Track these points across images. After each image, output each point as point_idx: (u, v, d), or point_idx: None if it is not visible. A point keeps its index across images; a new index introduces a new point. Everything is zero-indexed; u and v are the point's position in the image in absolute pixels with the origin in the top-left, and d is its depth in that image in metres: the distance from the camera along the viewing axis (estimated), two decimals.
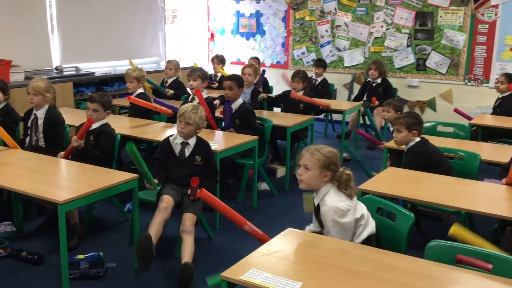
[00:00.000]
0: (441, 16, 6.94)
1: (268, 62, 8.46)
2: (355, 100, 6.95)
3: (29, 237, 3.85)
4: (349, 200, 2.54)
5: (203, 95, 4.91)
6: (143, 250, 3.01)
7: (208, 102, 4.59)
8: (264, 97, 5.86)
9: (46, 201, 2.95)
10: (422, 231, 3.93)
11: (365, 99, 6.89)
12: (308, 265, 2.14)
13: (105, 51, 7.17)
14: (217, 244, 3.80)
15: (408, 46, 7.27)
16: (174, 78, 6.20)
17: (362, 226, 2.56)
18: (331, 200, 2.52)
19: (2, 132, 3.84)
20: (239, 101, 4.84)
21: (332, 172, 2.56)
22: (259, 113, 5.31)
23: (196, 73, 4.88)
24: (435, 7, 6.96)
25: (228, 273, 2.02)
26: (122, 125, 4.66)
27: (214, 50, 8.80)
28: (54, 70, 6.45)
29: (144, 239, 3.03)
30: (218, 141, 4.20)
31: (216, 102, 5.36)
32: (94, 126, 4.02)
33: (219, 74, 7.20)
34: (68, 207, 2.88)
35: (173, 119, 4.55)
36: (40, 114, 4.18)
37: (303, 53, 8.17)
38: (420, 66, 7.24)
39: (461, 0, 6.78)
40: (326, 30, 7.88)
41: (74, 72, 6.51)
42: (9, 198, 4.08)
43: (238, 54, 8.72)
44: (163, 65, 7.04)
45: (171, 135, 3.66)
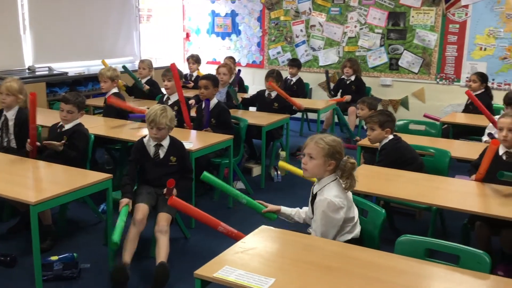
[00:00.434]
0: (413, 16, 7.07)
1: (243, 62, 8.48)
2: (331, 95, 7.03)
3: (2, 239, 3.79)
4: (344, 199, 2.56)
5: (177, 95, 4.91)
6: (119, 278, 3.04)
7: (185, 103, 4.57)
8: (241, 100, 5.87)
9: (19, 202, 2.92)
10: (395, 227, 4.00)
11: (339, 97, 6.96)
12: (281, 262, 2.16)
13: (79, 50, 7.09)
14: (193, 244, 3.80)
15: (381, 45, 7.37)
16: (148, 78, 6.16)
17: (349, 227, 2.59)
18: (329, 193, 2.54)
19: None
20: (214, 100, 4.84)
21: (337, 161, 2.59)
22: (234, 112, 5.32)
23: (171, 73, 4.85)
24: (407, 7, 7.08)
25: (202, 271, 2.03)
26: (97, 125, 4.62)
27: (190, 50, 8.78)
28: (27, 70, 6.36)
29: (120, 268, 3.05)
30: (193, 140, 4.20)
31: (192, 101, 5.36)
32: (68, 126, 4.00)
33: (195, 73, 7.19)
34: (41, 208, 2.85)
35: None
36: (11, 115, 4.12)
37: (278, 52, 8.21)
38: (393, 66, 7.35)
39: (433, 0, 6.91)
40: (301, 30, 7.94)
41: (47, 72, 6.43)
42: None
43: (214, 53, 8.72)
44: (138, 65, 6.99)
45: (145, 137, 3.65)
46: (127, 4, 7.86)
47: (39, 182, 3.30)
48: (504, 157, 3.31)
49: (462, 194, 3.19)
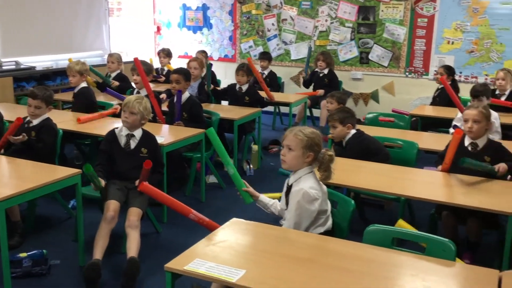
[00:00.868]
0: (382, 10, 7.15)
1: (215, 56, 8.45)
2: (304, 85, 7.07)
3: None
4: (320, 191, 2.58)
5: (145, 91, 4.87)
6: (91, 275, 3.01)
7: (153, 96, 4.54)
8: (211, 88, 5.89)
9: None
10: (365, 218, 4.07)
11: (311, 90, 7.01)
12: (252, 253, 2.18)
13: (47, 44, 6.94)
14: (164, 238, 3.79)
15: (351, 39, 7.45)
16: (118, 72, 6.09)
17: (322, 219, 2.61)
18: (305, 184, 2.56)
19: None
20: (186, 94, 4.82)
21: (315, 153, 2.61)
22: (206, 106, 5.32)
23: None
24: (377, 1, 7.17)
25: (172, 264, 2.03)
26: (66, 120, 4.55)
27: (161, 44, 8.70)
28: None
29: (93, 265, 3.01)
30: (165, 134, 4.18)
31: (163, 96, 5.32)
32: (36, 122, 3.93)
33: (166, 67, 7.14)
34: (8, 204, 2.81)
35: (118, 114, 4.49)
36: None
37: (250, 46, 8.21)
38: (363, 59, 7.43)
39: None
40: (273, 24, 7.95)
41: (14, 67, 6.28)
42: None
43: (185, 47, 8.66)
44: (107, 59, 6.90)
45: (116, 128, 3.62)
46: None
47: (6, 178, 3.23)
48: (469, 148, 3.40)
49: (429, 185, 3.26)
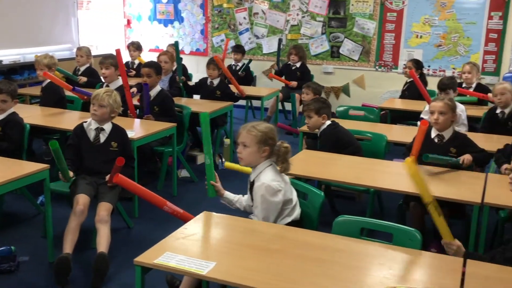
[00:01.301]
0: (352, 5, 7.22)
1: (187, 50, 8.39)
2: (277, 74, 7.09)
3: None
4: (282, 181, 2.61)
5: (118, 83, 4.82)
6: (61, 270, 2.97)
7: (122, 90, 4.48)
8: (182, 79, 5.85)
9: None
10: (336, 210, 4.12)
11: (283, 86, 7.03)
12: (222, 246, 2.19)
13: (13, 38, 6.77)
14: (136, 233, 3.77)
15: (322, 33, 7.50)
16: (87, 66, 6.00)
17: (289, 209, 2.64)
18: (266, 177, 2.58)
19: None
20: (157, 88, 4.78)
21: (270, 147, 2.63)
22: (177, 100, 5.29)
23: (109, 60, 4.75)
24: None
25: (142, 258, 2.02)
26: (33, 114, 4.47)
27: (131, 37, 8.59)
28: None
29: (63, 259, 2.97)
30: (136, 128, 4.14)
31: (133, 90, 5.27)
32: (1, 117, 3.85)
33: (136, 61, 7.06)
34: None
35: (88, 107, 4.42)
36: None
37: (222, 40, 8.18)
38: (334, 53, 7.50)
39: None
40: (244, 18, 7.94)
41: None
42: None
43: (156, 41, 8.57)
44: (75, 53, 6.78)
45: (85, 121, 3.57)
46: None
47: None
48: (436, 140, 3.48)
49: (397, 176, 3.32)
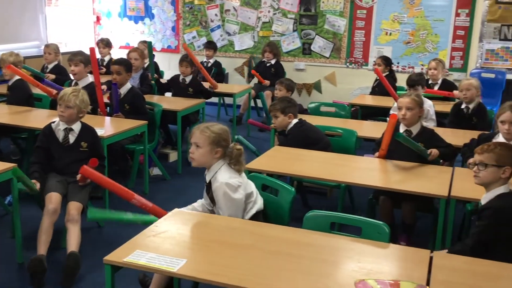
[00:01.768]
0: (323, 2, 7.27)
1: (158, 47, 8.32)
2: (249, 76, 7.09)
3: None
4: (239, 177, 2.62)
5: (87, 80, 4.76)
6: (36, 270, 2.93)
7: (91, 88, 4.43)
8: (155, 78, 5.81)
9: None
10: (309, 205, 4.16)
11: (256, 83, 7.05)
12: (193, 243, 2.19)
13: None
14: (106, 232, 3.73)
15: (294, 30, 7.53)
16: (55, 63, 5.90)
17: (251, 202, 2.66)
18: (223, 176, 2.58)
19: None
20: (128, 85, 4.73)
21: (223, 148, 2.63)
22: (149, 97, 5.25)
23: (78, 57, 4.68)
24: None
25: (112, 257, 2.01)
26: (0, 113, 4.37)
27: (101, 34, 8.47)
28: None
29: (37, 260, 2.94)
30: (106, 126, 4.10)
31: (103, 87, 5.19)
32: None
33: (106, 58, 6.97)
34: None
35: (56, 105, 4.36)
36: None
37: (194, 37, 8.14)
38: (306, 50, 7.54)
39: None
40: (216, 14, 7.92)
41: None
42: None
43: (127, 38, 8.47)
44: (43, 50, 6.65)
45: (53, 122, 3.51)
46: None
47: None
48: (404, 135, 3.53)
49: (367, 171, 3.38)
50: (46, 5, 7.74)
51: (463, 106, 4.59)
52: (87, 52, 4.65)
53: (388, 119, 4.88)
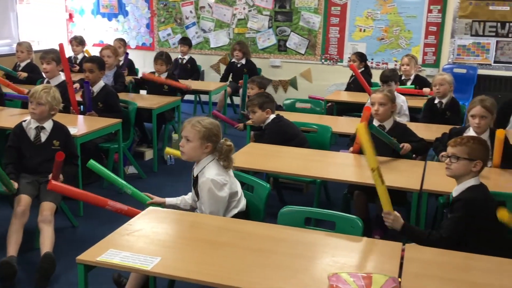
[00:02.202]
0: None
1: (133, 44, 8.24)
2: (222, 81, 7.06)
3: None
4: (226, 175, 2.62)
5: (59, 79, 4.69)
6: (6, 272, 2.89)
7: (64, 86, 4.36)
8: (131, 81, 5.76)
9: None
10: (285, 201, 4.17)
11: (231, 80, 7.04)
12: (168, 240, 2.18)
13: None
14: (81, 232, 3.69)
15: (269, 27, 7.54)
16: (28, 61, 5.81)
17: (235, 201, 2.65)
18: (210, 172, 2.58)
19: None
20: (101, 83, 4.67)
21: (213, 144, 2.63)
22: (124, 95, 5.20)
23: (50, 55, 4.61)
24: None
25: (85, 256, 1.99)
26: None
27: (74, 32, 8.34)
28: None
29: (6, 263, 2.90)
30: (79, 125, 4.05)
31: (76, 85, 5.12)
32: None
33: (79, 56, 6.87)
34: None
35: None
36: None
37: (168, 34, 8.08)
38: (281, 47, 7.56)
39: None
40: (191, 11, 7.87)
41: None
42: None
43: (101, 35, 8.37)
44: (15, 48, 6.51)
45: (24, 120, 3.45)
46: None
47: None
48: (376, 127, 3.57)
49: (342, 166, 3.41)
50: (18, 2, 7.59)
51: (437, 101, 4.66)
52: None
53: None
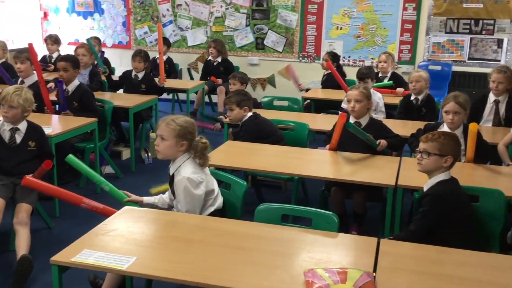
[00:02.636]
0: None
1: (109, 43, 8.15)
2: (202, 79, 7.03)
3: None
4: (202, 173, 2.61)
5: (34, 78, 4.62)
6: None
7: (38, 85, 4.30)
8: (106, 71, 5.70)
9: None
10: (263, 199, 4.18)
11: (209, 79, 7.01)
12: (143, 240, 2.17)
13: None
14: (57, 233, 3.65)
15: (247, 25, 7.54)
16: (3, 60, 5.73)
17: (211, 199, 2.65)
18: (186, 171, 2.57)
19: None
20: (76, 82, 4.61)
21: (188, 141, 2.62)
22: (100, 94, 5.15)
23: (24, 55, 4.54)
24: None
25: (59, 257, 1.97)
26: None
27: (49, 30, 8.22)
28: None
29: None
30: (54, 124, 4.00)
31: (51, 85, 5.05)
32: None
33: (54, 55, 6.77)
34: None
35: None
36: None
37: (145, 32, 8.02)
38: (259, 45, 7.57)
39: None
40: (168, 9, 7.82)
41: None
42: None
43: (76, 34, 8.26)
44: None
45: None
46: None
47: None
48: (354, 125, 3.61)
49: (319, 163, 3.43)
50: None
51: (413, 98, 4.72)
52: (38, 48, 4.52)
53: (339, 112, 5.00)
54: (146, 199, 2.80)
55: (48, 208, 3.74)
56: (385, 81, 5.76)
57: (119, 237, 2.16)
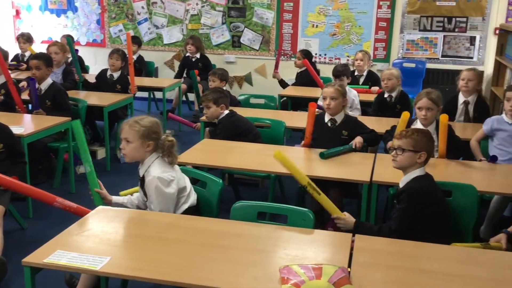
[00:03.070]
0: None
1: (83, 41, 8.03)
2: (177, 77, 6.99)
3: None
4: (172, 171, 2.59)
5: (2, 78, 4.52)
6: None
7: (12, 83, 4.22)
8: (82, 77, 5.61)
9: None
10: (240, 197, 4.18)
11: (185, 76, 6.97)
12: (117, 239, 2.15)
13: None
14: (31, 234, 3.58)
15: (223, 23, 7.52)
16: None
17: (184, 197, 2.64)
18: (156, 170, 2.55)
19: None
20: (49, 81, 4.54)
21: (154, 141, 2.59)
22: (74, 93, 5.08)
23: None
24: None
25: (31, 258, 1.94)
26: None
27: (21, 28, 8.06)
28: None
29: None
30: (26, 124, 3.92)
31: (23, 84, 4.96)
32: None
33: (27, 54, 6.65)
34: None
35: None
36: None
37: (120, 30, 7.92)
38: (235, 43, 7.55)
39: None
40: (142, 7, 7.75)
41: None
42: None
43: (49, 32, 8.12)
44: None
45: None
46: None
47: None
48: (329, 124, 3.64)
49: (296, 160, 3.36)
50: None
51: (386, 95, 4.77)
52: (4, 47, 4.42)
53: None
54: (115, 199, 2.77)
55: (21, 209, 3.68)
56: (361, 80, 5.80)
57: (92, 237, 2.13)
